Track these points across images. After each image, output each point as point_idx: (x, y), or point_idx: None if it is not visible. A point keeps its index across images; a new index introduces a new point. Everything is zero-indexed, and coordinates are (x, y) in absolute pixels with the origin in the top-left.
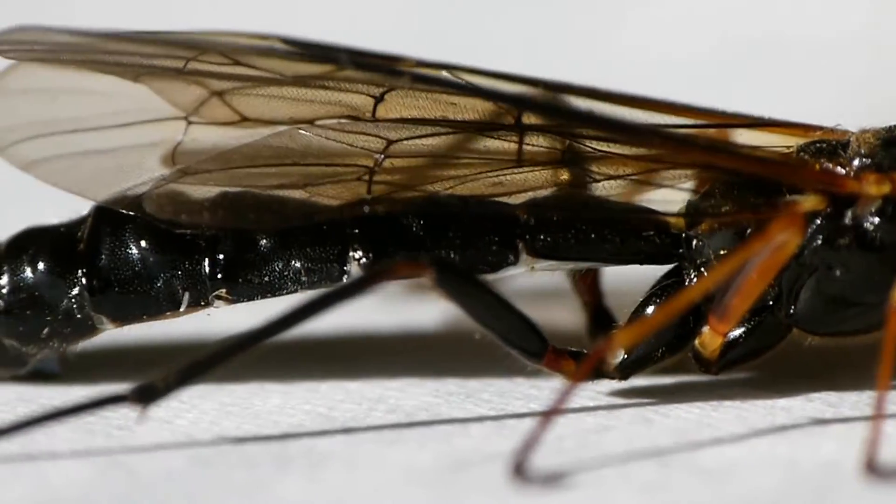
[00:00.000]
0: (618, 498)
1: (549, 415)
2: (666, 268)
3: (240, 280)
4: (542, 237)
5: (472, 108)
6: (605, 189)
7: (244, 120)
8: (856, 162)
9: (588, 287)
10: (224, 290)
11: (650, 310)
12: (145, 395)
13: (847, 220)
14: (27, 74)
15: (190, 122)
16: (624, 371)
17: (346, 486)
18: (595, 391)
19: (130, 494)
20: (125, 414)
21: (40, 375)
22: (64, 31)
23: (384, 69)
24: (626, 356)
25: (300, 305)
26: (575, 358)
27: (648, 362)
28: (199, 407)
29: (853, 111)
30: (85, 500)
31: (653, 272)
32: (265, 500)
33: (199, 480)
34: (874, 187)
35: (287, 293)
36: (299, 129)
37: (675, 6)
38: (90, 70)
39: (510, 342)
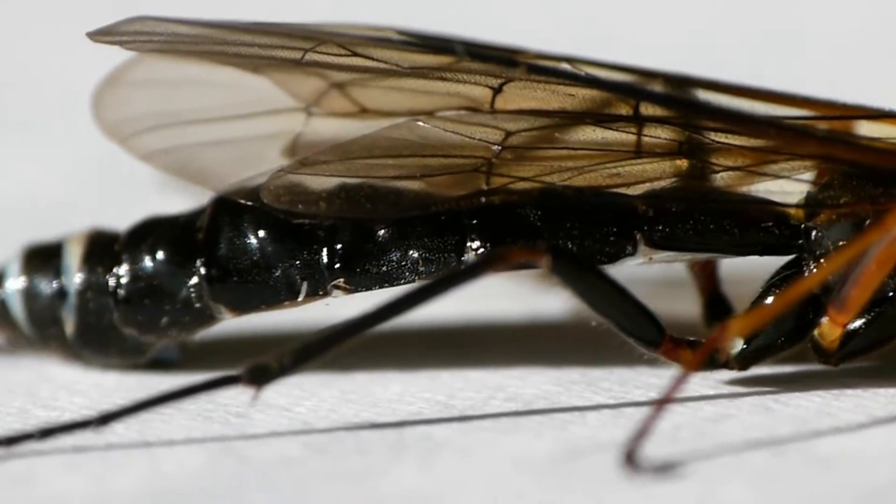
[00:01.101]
0: (727, 487)
1: (661, 404)
2: (785, 259)
3: (357, 270)
4: (660, 228)
5: (590, 100)
6: (724, 180)
7: (364, 111)
8: None
9: (706, 273)
10: (342, 280)
11: (768, 300)
12: (259, 376)
13: None
14: (148, 66)
15: (310, 114)
16: (743, 361)
17: (457, 475)
18: (716, 380)
19: (242, 480)
20: (243, 401)
21: (160, 364)
22: (182, 22)
23: (500, 59)
24: (745, 346)
25: (415, 289)
26: (693, 347)
27: (767, 353)
28: (318, 395)
29: None
30: (195, 486)
31: (772, 263)
32: (376, 487)
33: (312, 467)
34: None
35: (404, 283)
36: (418, 120)
37: None
38: (210, 61)
39: (626, 330)
